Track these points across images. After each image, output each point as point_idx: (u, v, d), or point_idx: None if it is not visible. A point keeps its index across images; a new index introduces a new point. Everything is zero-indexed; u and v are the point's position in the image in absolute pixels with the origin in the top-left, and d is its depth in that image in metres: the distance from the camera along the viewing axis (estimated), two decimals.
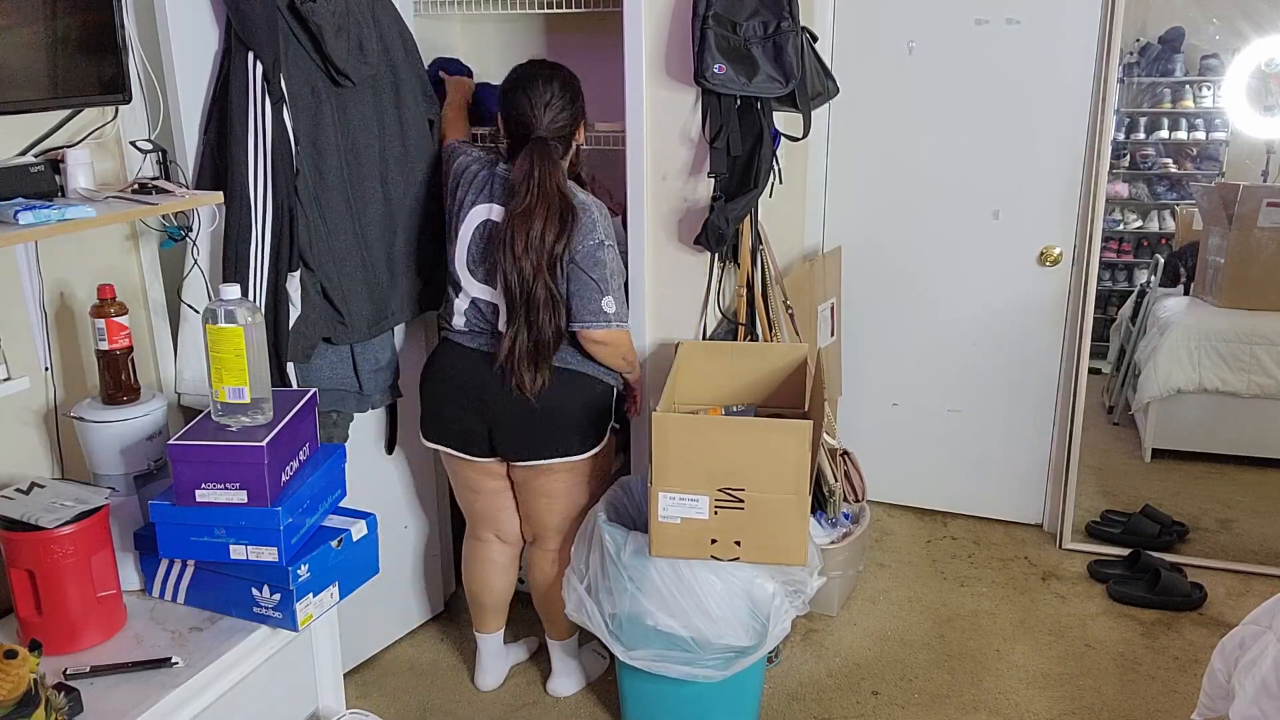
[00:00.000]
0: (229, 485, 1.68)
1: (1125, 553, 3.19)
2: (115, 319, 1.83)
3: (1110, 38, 2.90)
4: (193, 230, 2.05)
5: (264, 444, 1.66)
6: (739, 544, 2.13)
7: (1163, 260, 4.09)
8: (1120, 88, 3.28)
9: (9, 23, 1.66)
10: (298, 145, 2.09)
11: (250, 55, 1.99)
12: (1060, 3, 2.95)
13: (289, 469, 1.77)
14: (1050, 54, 3.00)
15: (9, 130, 1.79)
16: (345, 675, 2.21)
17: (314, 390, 1.92)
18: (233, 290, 1.72)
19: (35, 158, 1.80)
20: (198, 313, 2.04)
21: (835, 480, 2.75)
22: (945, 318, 3.34)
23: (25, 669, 1.41)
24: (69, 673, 1.62)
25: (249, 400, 1.72)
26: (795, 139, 2.51)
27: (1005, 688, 2.62)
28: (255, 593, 1.77)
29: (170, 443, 1.68)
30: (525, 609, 2.80)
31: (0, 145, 1.79)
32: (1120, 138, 4.18)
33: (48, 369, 1.92)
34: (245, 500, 1.69)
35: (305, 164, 2.13)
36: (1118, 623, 2.90)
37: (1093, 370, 3.29)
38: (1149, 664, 2.71)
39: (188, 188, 2.01)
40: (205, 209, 2.03)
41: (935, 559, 3.27)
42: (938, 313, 3.35)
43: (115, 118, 1.95)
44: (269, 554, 1.72)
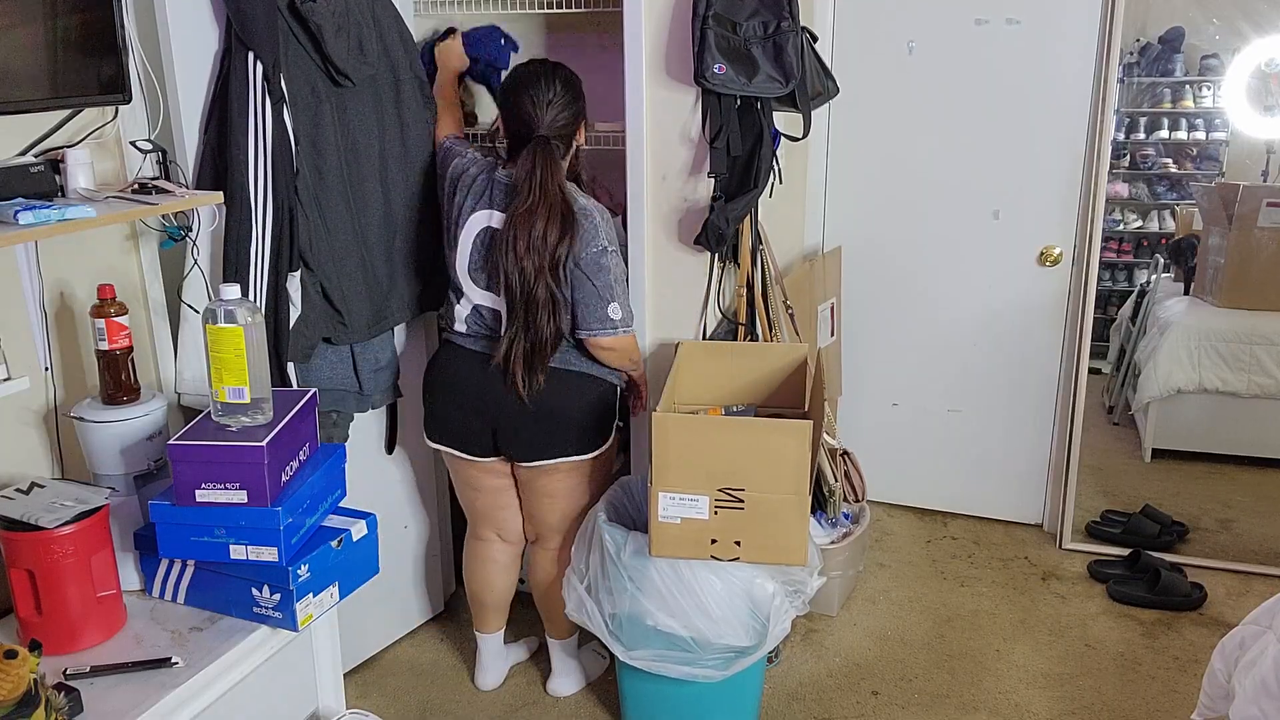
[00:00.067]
0: (229, 485, 1.68)
1: (1125, 553, 3.19)
2: (115, 319, 1.83)
3: (1110, 38, 2.90)
4: (193, 230, 2.05)
5: (264, 444, 1.67)
6: (739, 544, 2.13)
7: (1163, 260, 4.09)
8: (1120, 88, 3.28)
9: (9, 23, 1.66)
10: (298, 145, 2.09)
11: (250, 55, 1.99)
12: (1060, 3, 2.95)
13: (289, 469, 1.77)
14: (1050, 54, 3.00)
15: (9, 130, 1.79)
16: (345, 675, 2.21)
17: (314, 390, 1.92)
18: (233, 290, 1.72)
19: (35, 158, 1.80)
20: (198, 313, 2.04)
21: (835, 480, 2.75)
22: (945, 318, 3.34)
23: (25, 669, 1.41)
24: (69, 673, 1.62)
25: (249, 400, 1.72)
26: (795, 139, 2.51)
27: (1005, 688, 2.62)
28: (255, 593, 1.77)
29: (170, 443, 1.69)
30: (525, 609, 2.80)
31: (0, 145, 1.79)
32: (1120, 138, 4.18)
33: (48, 369, 1.92)
34: (245, 500, 1.69)
35: (305, 164, 2.13)
36: (1118, 623, 2.90)
37: (1093, 370, 3.29)
38: (1149, 664, 2.71)
39: (188, 188, 2.01)
40: (205, 209, 2.03)
41: (935, 559, 3.27)
42: (938, 313, 3.35)
43: (115, 118, 1.94)
44: (269, 554, 1.72)
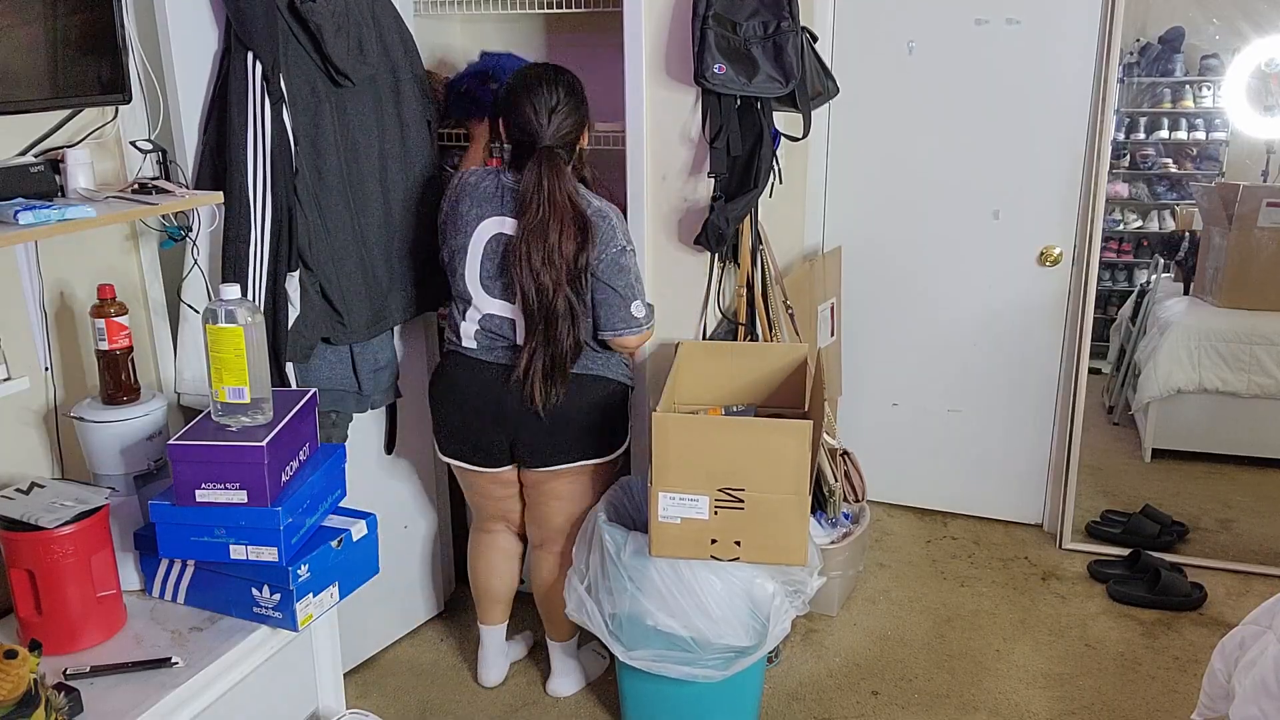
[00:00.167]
0: (229, 485, 1.68)
1: (1125, 553, 3.19)
2: (115, 319, 1.83)
3: (1110, 38, 2.90)
4: (192, 230, 2.05)
5: (264, 444, 1.67)
6: (739, 544, 2.13)
7: (1163, 260, 4.09)
8: (1120, 88, 3.27)
9: (9, 23, 1.66)
10: (297, 145, 2.09)
11: (250, 55, 1.99)
12: (1060, 3, 2.95)
13: (289, 469, 1.77)
14: (1050, 54, 3.00)
15: (9, 130, 1.79)
16: (345, 675, 2.21)
17: (314, 390, 1.92)
18: (232, 290, 1.72)
19: (35, 158, 1.80)
20: (198, 313, 2.04)
21: (835, 480, 2.75)
22: (945, 318, 3.34)
23: (25, 669, 1.41)
24: (69, 673, 1.62)
25: (249, 400, 1.72)
26: (795, 139, 2.51)
27: (1005, 688, 2.62)
28: (255, 593, 1.77)
29: (170, 443, 1.68)
30: (523, 607, 2.80)
31: (0, 145, 1.79)
32: (1120, 138, 4.17)
33: (48, 369, 1.92)
34: (245, 500, 1.69)
35: (304, 164, 2.13)
36: (1118, 623, 2.90)
37: (1093, 370, 3.29)
38: (1149, 664, 2.71)
39: (187, 188, 2.01)
40: (205, 209, 2.03)
41: (935, 559, 3.26)
42: (938, 313, 3.34)
43: (115, 118, 1.95)
44: (269, 554, 1.72)
